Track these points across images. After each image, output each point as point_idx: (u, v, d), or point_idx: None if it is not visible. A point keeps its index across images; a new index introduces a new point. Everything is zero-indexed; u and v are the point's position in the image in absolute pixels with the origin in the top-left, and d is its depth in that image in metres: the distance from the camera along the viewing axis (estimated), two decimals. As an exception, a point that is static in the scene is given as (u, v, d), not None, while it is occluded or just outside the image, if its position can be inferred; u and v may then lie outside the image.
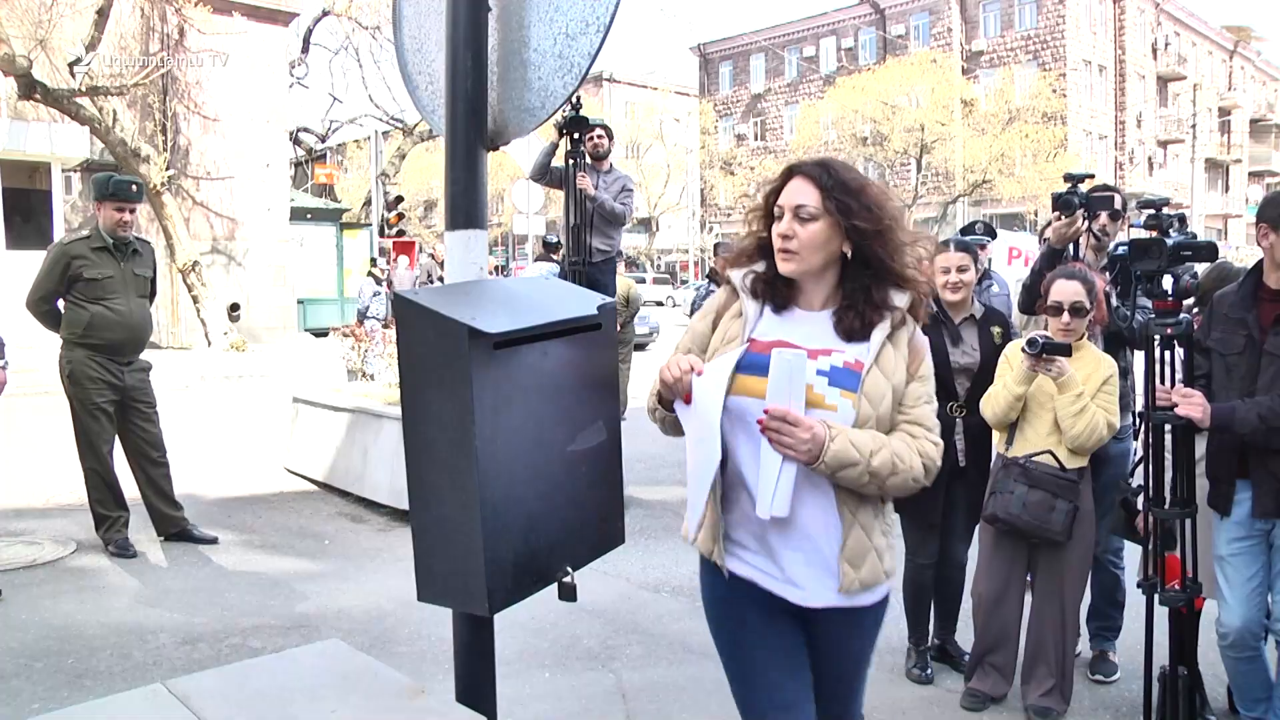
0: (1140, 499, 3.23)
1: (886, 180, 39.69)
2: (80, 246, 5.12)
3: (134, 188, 5.22)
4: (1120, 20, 42.22)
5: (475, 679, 2.04)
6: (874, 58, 42.89)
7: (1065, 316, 3.42)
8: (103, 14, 14.81)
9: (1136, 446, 3.60)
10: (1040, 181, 34.94)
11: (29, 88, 14.19)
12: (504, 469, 1.76)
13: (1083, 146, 39.95)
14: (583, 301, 1.98)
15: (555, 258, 10.66)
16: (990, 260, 5.62)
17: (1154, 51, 44.35)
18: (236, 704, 1.86)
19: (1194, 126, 42.50)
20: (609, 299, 2.05)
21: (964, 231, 5.09)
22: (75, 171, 16.17)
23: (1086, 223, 3.77)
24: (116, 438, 5.32)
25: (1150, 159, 44.72)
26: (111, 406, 5.20)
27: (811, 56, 46.03)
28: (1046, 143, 36.63)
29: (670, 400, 1.99)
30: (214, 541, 5.51)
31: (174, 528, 5.50)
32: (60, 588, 4.71)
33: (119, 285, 5.15)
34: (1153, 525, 3.12)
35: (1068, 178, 3.85)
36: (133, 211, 5.19)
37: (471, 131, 2.00)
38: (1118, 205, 3.95)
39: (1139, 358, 3.88)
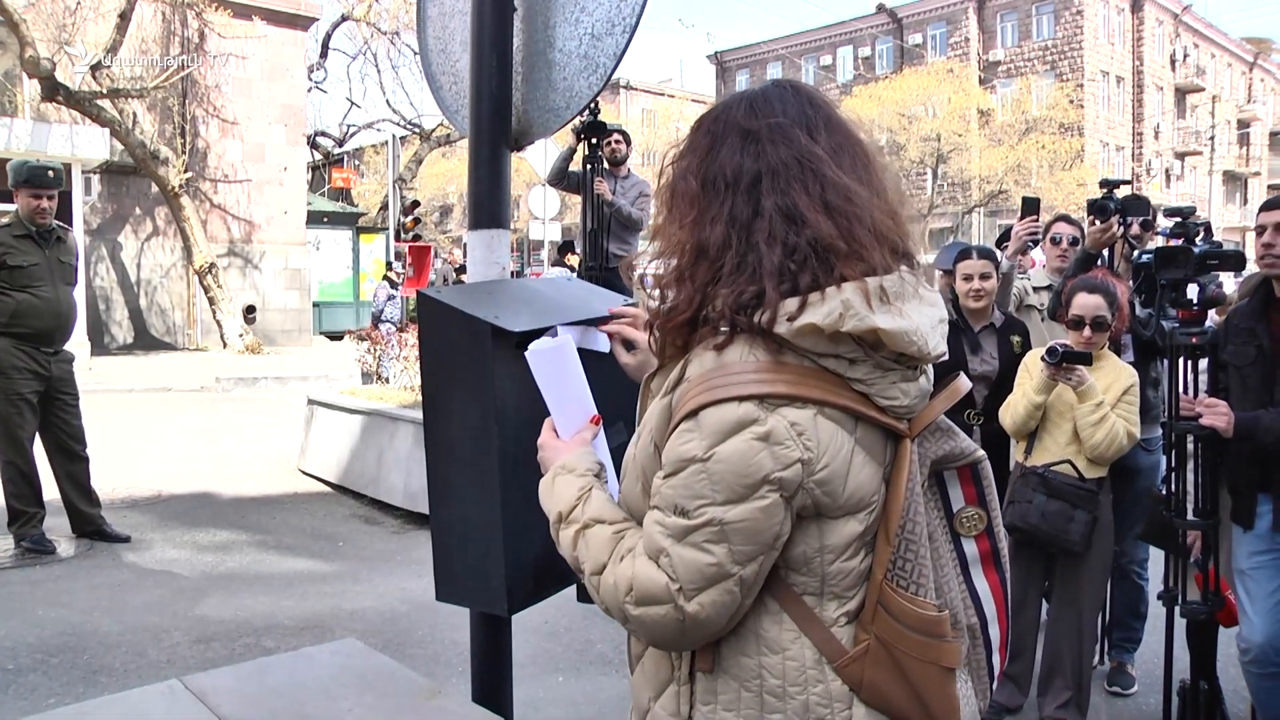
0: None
1: (902, 190, 39.33)
2: (3, 234, 5.04)
3: (51, 174, 5.12)
4: (1139, 31, 42.03)
5: (492, 680, 2.03)
6: (891, 67, 42.81)
7: (1087, 330, 3.39)
8: (125, 18, 14.94)
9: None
10: (1057, 192, 34.82)
11: (51, 90, 14.33)
12: (525, 469, 1.75)
13: (1100, 158, 39.75)
14: (605, 302, 1.97)
15: (568, 261, 10.69)
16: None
17: (1172, 63, 44.12)
18: (252, 701, 1.85)
19: (1212, 139, 42.23)
20: (632, 299, 2.05)
21: (1001, 239, 5.08)
22: (95, 173, 16.30)
23: (1122, 229, 3.75)
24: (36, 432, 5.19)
25: (1168, 171, 44.45)
26: (35, 397, 5.08)
27: (828, 65, 45.98)
28: (1063, 154, 36.48)
29: None
30: (127, 540, 5.39)
31: (89, 525, 5.41)
32: (76, 585, 4.72)
33: (44, 273, 5.07)
34: (1180, 536, 3.09)
35: (1104, 183, 3.83)
36: (50, 199, 5.10)
37: (496, 131, 1.99)
38: (1149, 215, 3.93)
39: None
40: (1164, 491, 3.27)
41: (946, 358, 1.25)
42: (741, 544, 1.14)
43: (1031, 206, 4.18)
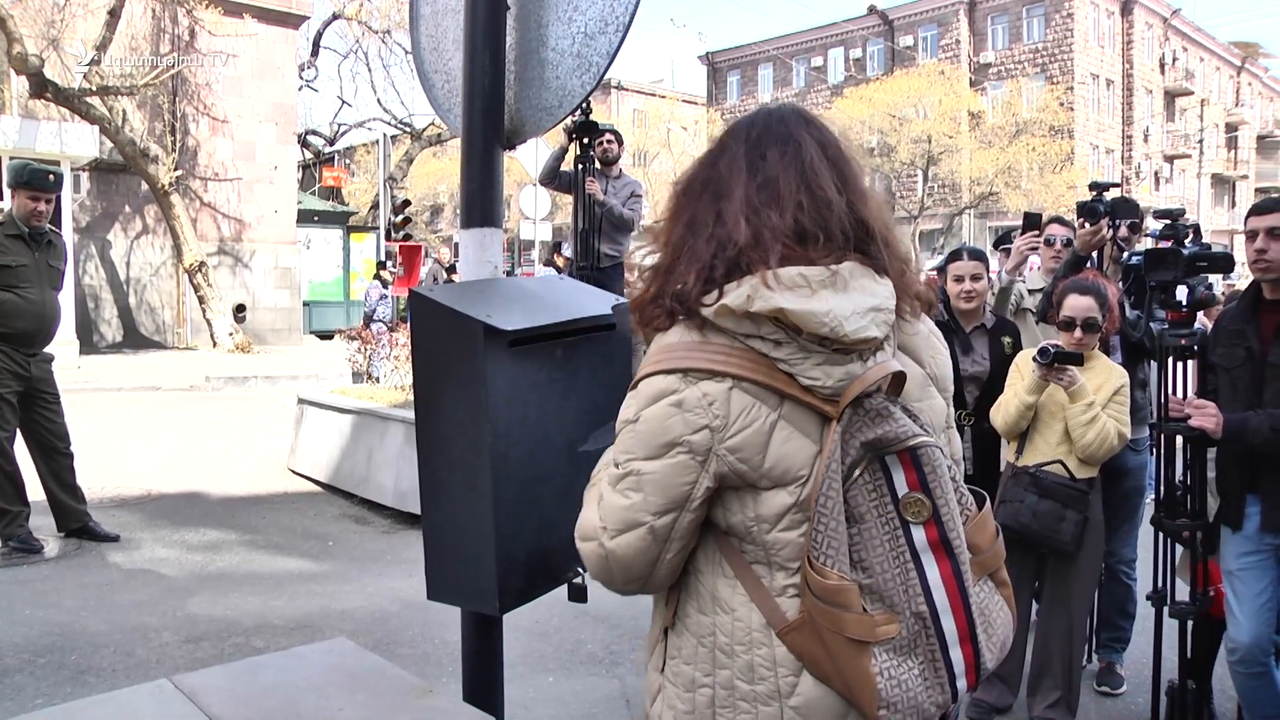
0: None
1: (893, 192, 39.67)
2: None
3: (51, 177, 5.06)
4: (1128, 34, 42.21)
5: (483, 680, 2.03)
6: (882, 69, 42.89)
7: (1078, 332, 3.41)
8: (114, 14, 14.86)
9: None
10: (1047, 194, 34.91)
11: (40, 87, 14.24)
12: (517, 468, 1.75)
13: (1089, 160, 39.91)
14: (597, 301, 1.98)
15: (558, 261, 10.69)
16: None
17: (1161, 66, 44.33)
18: (243, 700, 1.84)
19: (1201, 142, 42.44)
20: (623, 299, 2.05)
21: (999, 242, 5.11)
22: (84, 171, 16.21)
23: (1111, 231, 3.77)
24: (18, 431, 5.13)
25: (1157, 173, 44.65)
26: (15, 398, 5.03)
27: (819, 67, 46.05)
28: (1053, 156, 36.61)
29: None
30: (116, 539, 5.36)
31: (76, 522, 5.36)
32: (64, 585, 4.70)
33: (32, 275, 5.00)
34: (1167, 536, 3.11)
35: (1093, 186, 3.86)
36: (48, 202, 5.03)
37: (489, 130, 1.99)
38: (1138, 217, 3.96)
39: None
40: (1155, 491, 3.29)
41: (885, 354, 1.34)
42: (653, 495, 1.31)
43: (1033, 222, 4.20)
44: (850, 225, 1.35)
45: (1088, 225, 3.75)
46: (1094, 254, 3.84)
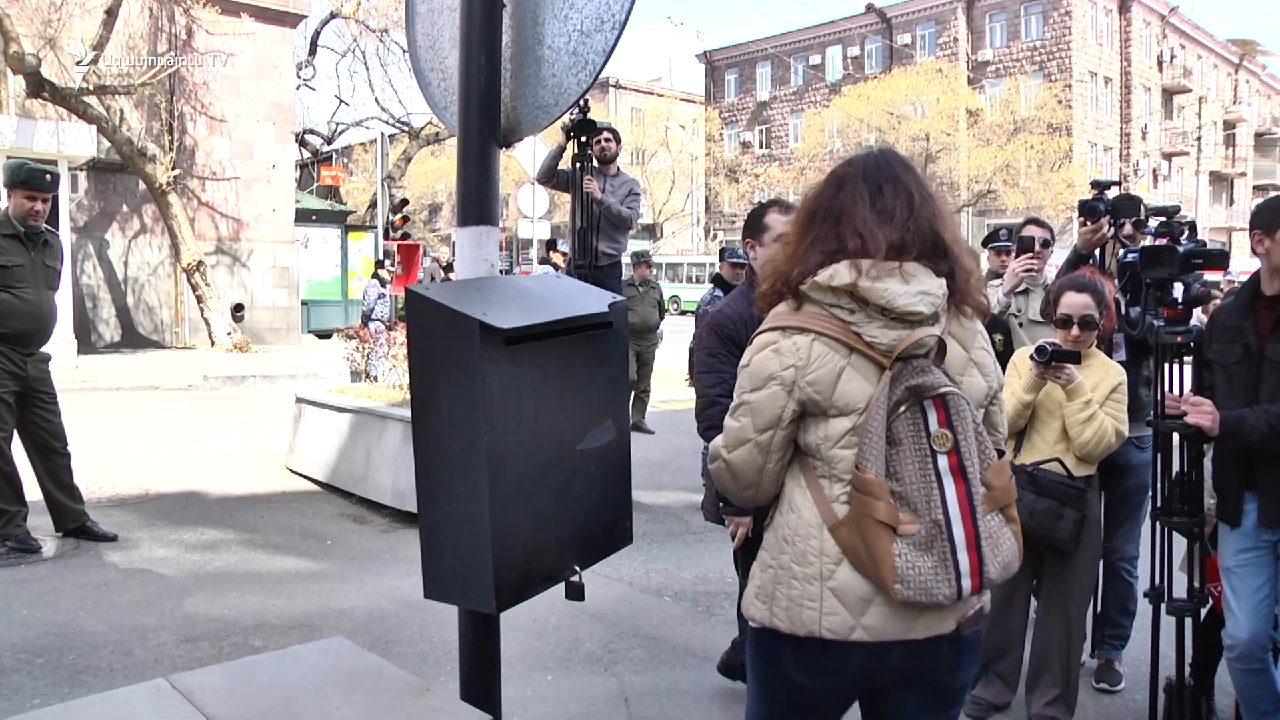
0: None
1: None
2: None
3: (48, 177, 5.04)
4: (1126, 32, 42.23)
5: (480, 678, 2.02)
6: (880, 67, 42.91)
7: (1075, 329, 3.41)
8: (111, 14, 14.83)
9: None
10: (1045, 192, 34.93)
11: (37, 86, 14.21)
12: (513, 466, 1.75)
13: (1088, 158, 39.94)
14: (594, 300, 1.97)
15: (553, 259, 10.66)
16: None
17: (1159, 64, 44.36)
18: (240, 700, 1.84)
19: (1199, 139, 42.48)
20: (620, 298, 2.05)
21: (988, 240, 5.11)
22: (82, 170, 16.19)
23: (1112, 229, 3.76)
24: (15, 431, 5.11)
25: (1155, 171, 44.69)
26: (12, 398, 5.01)
27: (817, 65, 46.06)
28: (1051, 154, 36.64)
29: None
30: (114, 539, 5.35)
31: (73, 522, 5.34)
32: (61, 584, 4.69)
33: (29, 275, 4.98)
34: (1164, 533, 3.11)
35: (1094, 184, 3.85)
36: (45, 201, 5.01)
37: (485, 128, 1.99)
38: (1141, 215, 3.95)
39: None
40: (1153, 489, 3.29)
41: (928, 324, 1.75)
42: (757, 418, 1.79)
43: (1027, 245, 4.21)
44: (931, 241, 1.80)
45: (1088, 224, 3.74)
46: (1096, 252, 3.84)
